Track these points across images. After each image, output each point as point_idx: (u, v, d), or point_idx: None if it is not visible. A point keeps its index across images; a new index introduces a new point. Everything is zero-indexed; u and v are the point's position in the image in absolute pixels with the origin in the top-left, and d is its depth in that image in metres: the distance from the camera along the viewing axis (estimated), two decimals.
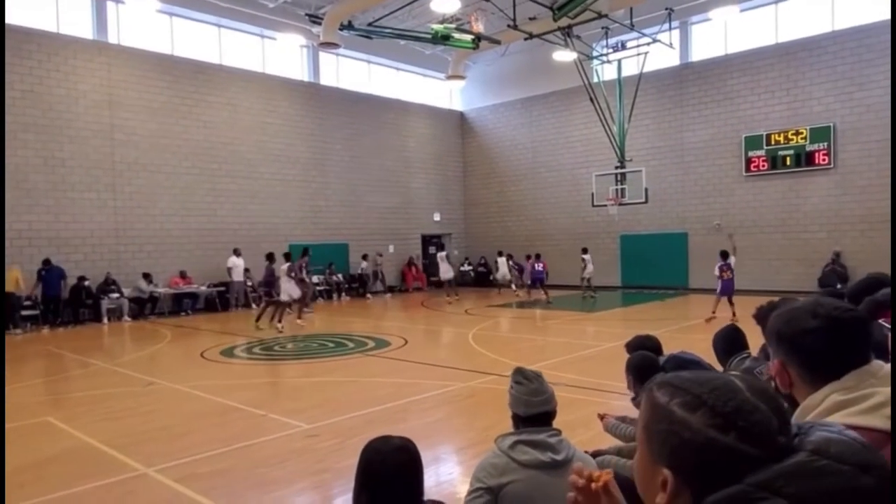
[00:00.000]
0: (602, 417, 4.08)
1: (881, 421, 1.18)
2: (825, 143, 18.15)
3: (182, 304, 17.91)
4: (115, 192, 17.28)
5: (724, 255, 14.64)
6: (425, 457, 2.09)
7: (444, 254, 21.18)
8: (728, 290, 14.31)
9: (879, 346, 2.76)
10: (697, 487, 0.88)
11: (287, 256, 14.82)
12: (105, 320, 16.16)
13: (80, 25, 16.97)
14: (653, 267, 21.13)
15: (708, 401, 0.89)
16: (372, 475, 1.99)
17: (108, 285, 16.48)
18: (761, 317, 3.02)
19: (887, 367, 1.32)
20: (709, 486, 0.86)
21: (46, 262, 15.35)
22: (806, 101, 18.59)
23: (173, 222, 18.32)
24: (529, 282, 19.37)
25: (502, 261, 22.19)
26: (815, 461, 0.85)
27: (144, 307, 17.24)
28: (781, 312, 1.42)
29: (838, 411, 1.23)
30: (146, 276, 17.23)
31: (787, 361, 1.39)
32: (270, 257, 14.94)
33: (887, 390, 1.23)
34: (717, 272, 14.65)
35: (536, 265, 18.74)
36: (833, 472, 0.83)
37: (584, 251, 19.81)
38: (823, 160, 18.20)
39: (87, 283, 16.14)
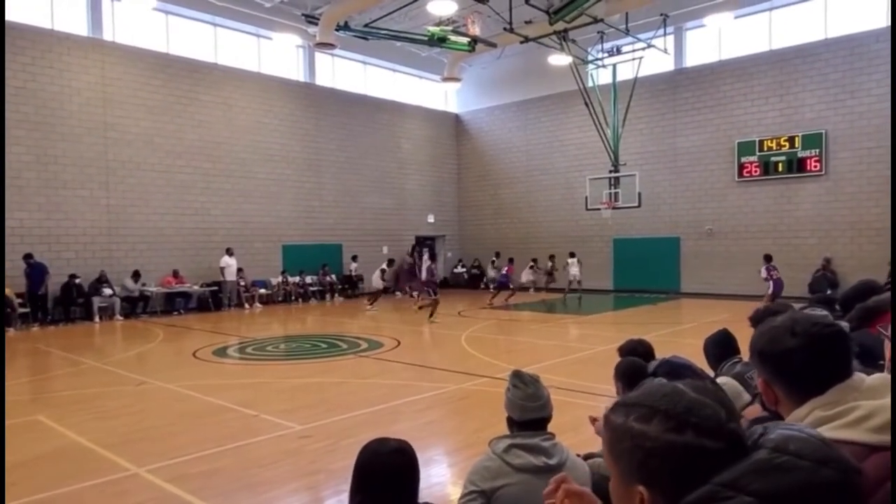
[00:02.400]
0: (594, 421, 4.10)
1: (863, 434, 1.21)
2: (817, 150, 18.29)
3: (174, 303, 17.85)
4: (109, 190, 17.21)
5: (769, 257, 15.41)
6: (418, 458, 2.11)
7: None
8: (780, 290, 14.86)
9: (869, 351, 2.81)
10: (671, 494, 0.91)
11: (390, 262, 18.58)
12: (96, 319, 16.08)
13: (74, 22, 16.89)
14: (645, 271, 21.22)
15: (660, 408, 0.93)
16: (368, 477, 2.00)
17: (101, 283, 16.40)
18: (758, 321, 3.05)
19: (868, 379, 1.34)
20: (680, 489, 0.90)
21: (28, 256, 15.20)
22: (798, 108, 18.73)
23: (166, 221, 18.26)
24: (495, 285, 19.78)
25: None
26: (775, 458, 0.89)
27: (136, 306, 17.16)
28: (762, 331, 1.44)
29: (821, 426, 1.25)
30: (135, 275, 17.10)
31: (771, 380, 1.41)
32: (434, 257, 15.75)
33: (870, 403, 1.25)
34: (764, 274, 15.04)
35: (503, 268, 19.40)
36: (793, 467, 0.88)
37: (572, 255, 20.03)
38: (815, 167, 18.34)
39: (77, 280, 16.06)
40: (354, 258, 22.38)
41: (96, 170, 16.98)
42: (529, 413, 2.52)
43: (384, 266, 20.12)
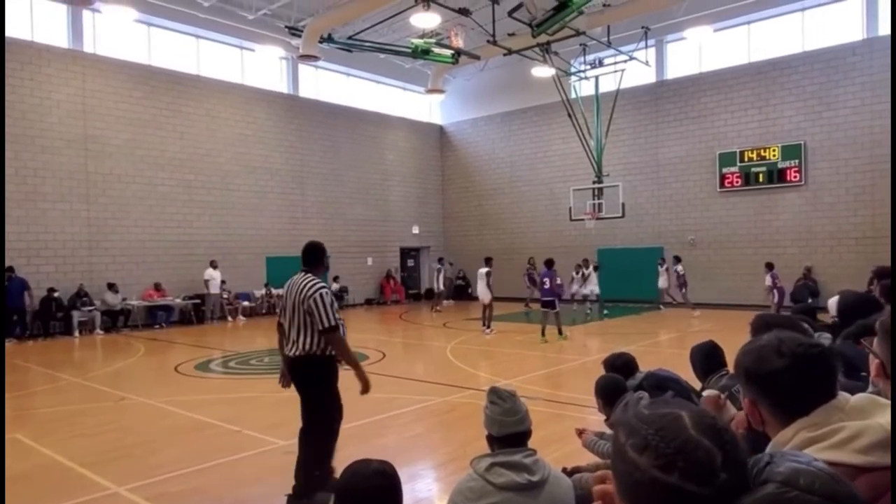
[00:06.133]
0: (580, 433, 4.09)
1: (850, 455, 1.21)
2: (796, 161, 18.56)
3: (156, 316, 17.62)
4: (89, 202, 17.00)
5: (771, 265, 15.88)
6: (403, 473, 2.09)
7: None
8: (783, 297, 15.46)
9: (851, 363, 2.82)
10: None
11: (488, 261, 16.00)
12: (76, 333, 15.83)
13: (54, 34, 16.75)
14: (629, 281, 21.30)
15: (652, 442, 0.92)
16: (350, 499, 1.97)
17: (81, 297, 16.17)
18: (757, 329, 3.07)
19: (853, 399, 1.35)
20: None
21: (9, 269, 14.96)
22: (777, 120, 19.02)
23: (148, 234, 18.07)
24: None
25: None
26: (785, 493, 0.88)
27: (117, 320, 16.92)
28: (748, 350, 1.44)
29: (808, 447, 1.25)
30: (111, 286, 16.84)
31: (757, 400, 1.41)
32: (550, 263, 13.97)
33: (855, 424, 1.26)
34: (769, 282, 15.34)
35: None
36: (802, 503, 0.86)
37: (586, 263, 19.54)
38: (795, 177, 18.61)
39: (56, 294, 15.82)
40: (336, 279, 21.79)
41: (76, 182, 16.79)
42: (508, 428, 2.53)
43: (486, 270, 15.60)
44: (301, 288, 4.68)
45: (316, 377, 4.77)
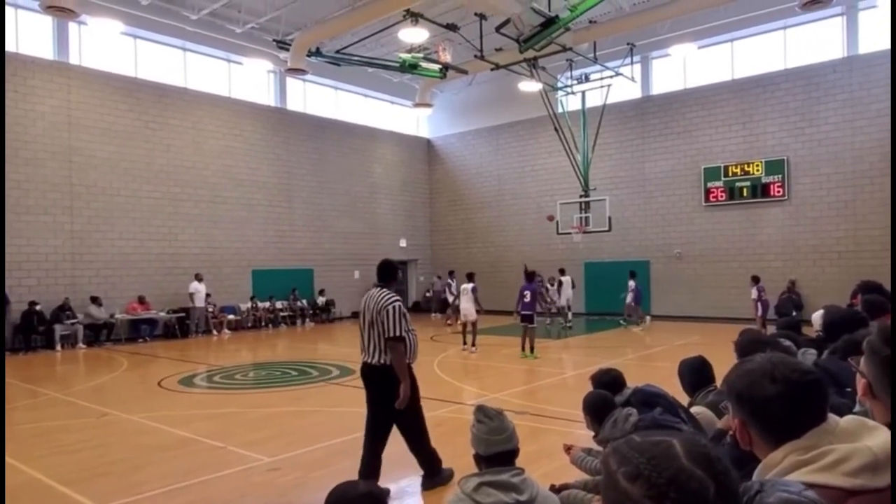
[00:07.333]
0: (568, 449, 4.08)
1: (838, 478, 1.21)
2: (779, 176, 18.80)
3: (140, 330, 17.41)
4: (73, 215, 16.83)
5: (757, 279, 15.90)
6: (391, 490, 2.06)
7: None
8: (767, 311, 15.57)
9: (835, 378, 2.84)
10: None
11: (471, 276, 14.79)
12: (58, 347, 15.60)
13: (40, 46, 16.65)
14: (616, 294, 21.37)
15: (644, 472, 0.91)
16: None
17: (64, 311, 15.95)
18: (744, 351, 3.08)
19: (842, 422, 1.36)
20: None
21: None
22: (760, 136, 19.28)
23: (132, 246, 17.90)
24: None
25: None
26: None
27: (100, 334, 16.70)
28: (741, 373, 1.45)
29: (797, 470, 1.26)
30: (94, 300, 16.61)
31: (747, 422, 1.42)
32: (531, 276, 13.26)
33: (845, 447, 1.26)
34: (755, 295, 15.48)
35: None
36: None
37: (562, 272, 19.55)
38: (778, 192, 18.84)
39: (38, 307, 15.60)
40: (322, 292, 22.25)
41: (60, 195, 16.62)
42: (495, 447, 2.51)
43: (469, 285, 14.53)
44: (377, 300, 5.14)
45: (391, 389, 5.06)
